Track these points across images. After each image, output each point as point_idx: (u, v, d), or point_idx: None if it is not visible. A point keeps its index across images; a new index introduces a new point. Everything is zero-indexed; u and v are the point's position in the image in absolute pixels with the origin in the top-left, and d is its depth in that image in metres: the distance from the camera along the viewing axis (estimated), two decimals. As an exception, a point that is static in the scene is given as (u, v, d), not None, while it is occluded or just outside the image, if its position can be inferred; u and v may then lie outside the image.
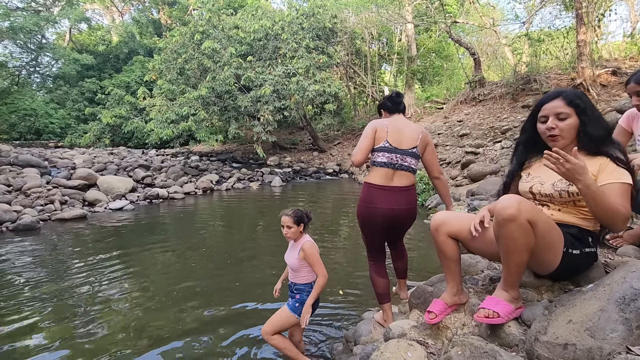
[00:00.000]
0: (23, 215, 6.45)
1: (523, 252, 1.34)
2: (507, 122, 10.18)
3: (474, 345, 1.29)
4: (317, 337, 2.85)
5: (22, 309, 3.32)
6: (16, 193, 7.54)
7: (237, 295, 3.56)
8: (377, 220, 2.26)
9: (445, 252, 1.65)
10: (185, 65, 13.29)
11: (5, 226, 6.10)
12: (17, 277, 4.09)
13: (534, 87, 10.92)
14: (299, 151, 18.40)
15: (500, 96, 11.91)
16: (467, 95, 13.62)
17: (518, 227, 1.29)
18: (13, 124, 21.75)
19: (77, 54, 24.38)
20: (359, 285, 3.84)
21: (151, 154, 15.68)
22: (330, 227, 6.38)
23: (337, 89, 13.05)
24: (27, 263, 4.58)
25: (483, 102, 12.60)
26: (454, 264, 1.66)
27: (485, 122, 11.02)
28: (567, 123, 1.47)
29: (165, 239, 5.75)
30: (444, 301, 1.67)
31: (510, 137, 9.39)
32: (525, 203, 1.32)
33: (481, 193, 6.81)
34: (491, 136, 9.98)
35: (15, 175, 8.27)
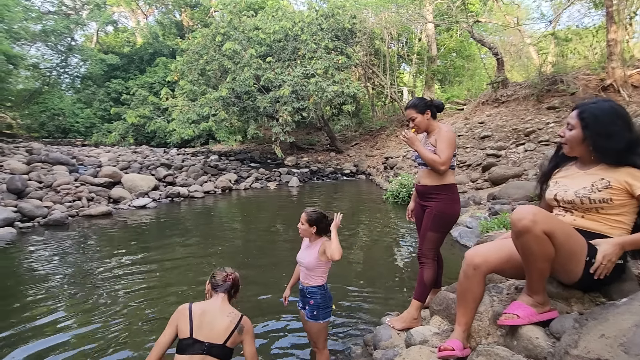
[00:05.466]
0: (53, 211, 6.74)
1: (541, 262, 1.34)
2: (531, 124, 9.88)
3: (500, 355, 1.27)
4: (337, 341, 2.85)
5: (52, 298, 3.49)
6: (47, 189, 7.89)
7: (255, 290, 3.62)
8: (458, 216, 2.47)
9: (476, 293, 1.53)
10: (207, 66, 13.54)
11: (37, 221, 6.39)
12: (48, 270, 4.30)
13: (560, 88, 10.56)
14: (317, 152, 18.44)
15: (524, 97, 11.58)
16: (489, 96, 13.30)
17: (534, 238, 1.29)
18: (43, 123, 22.71)
19: (104, 55, 25.25)
20: (377, 288, 3.83)
21: (172, 153, 16.07)
22: (348, 227, 6.37)
23: (355, 89, 13.01)
24: (57, 257, 4.80)
25: (506, 103, 12.28)
26: (477, 303, 1.57)
27: (508, 124, 10.73)
28: (572, 134, 1.54)
29: (186, 237, 5.89)
30: (458, 340, 1.52)
31: (535, 139, 9.12)
32: (541, 214, 1.31)
33: (503, 197, 6.64)
34: (514, 138, 9.71)
35: (46, 172, 8.65)
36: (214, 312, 1.49)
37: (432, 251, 2.40)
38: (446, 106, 16.54)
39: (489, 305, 1.74)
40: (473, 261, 1.51)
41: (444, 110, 14.83)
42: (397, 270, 4.44)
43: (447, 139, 2.34)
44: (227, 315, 1.50)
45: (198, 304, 1.51)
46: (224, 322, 1.48)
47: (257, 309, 3.29)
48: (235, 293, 1.61)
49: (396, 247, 5.49)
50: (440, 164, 2.29)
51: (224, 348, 1.46)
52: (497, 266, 1.52)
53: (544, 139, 8.85)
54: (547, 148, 8.28)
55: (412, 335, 1.81)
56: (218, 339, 1.45)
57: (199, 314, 1.46)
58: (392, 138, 16.50)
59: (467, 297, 1.52)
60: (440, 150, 2.32)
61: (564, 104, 9.96)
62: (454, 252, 4.91)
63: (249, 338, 1.55)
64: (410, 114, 2.46)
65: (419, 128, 2.47)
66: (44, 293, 3.66)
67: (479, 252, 1.54)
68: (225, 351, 1.47)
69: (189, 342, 1.43)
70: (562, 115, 9.61)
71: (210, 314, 1.48)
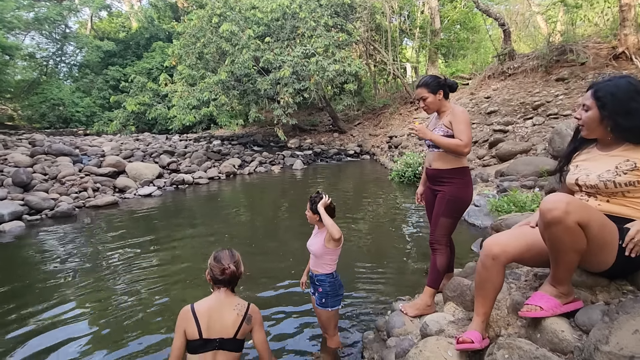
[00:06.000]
0: (60, 203, 6.76)
1: (572, 254, 1.27)
2: (539, 97, 9.61)
3: (523, 349, 1.22)
4: (348, 325, 2.86)
5: (64, 286, 3.53)
6: (52, 181, 7.90)
7: (262, 275, 3.63)
8: (471, 199, 2.40)
9: (495, 283, 1.46)
10: (204, 49, 13.21)
11: (44, 213, 6.41)
12: (58, 261, 4.33)
13: (569, 58, 10.20)
14: (319, 133, 18.24)
15: (532, 69, 11.22)
16: (495, 69, 12.92)
17: (565, 230, 1.21)
18: (43, 114, 22.59)
19: (99, 41, 24.77)
20: (386, 271, 3.82)
21: (175, 140, 15.99)
22: (354, 209, 6.33)
23: (357, 67, 12.68)
24: (67, 247, 4.83)
25: (513, 76, 11.92)
26: (496, 293, 1.49)
27: (515, 97, 10.45)
28: (588, 115, 1.46)
29: (193, 224, 5.91)
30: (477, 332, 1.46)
31: (543, 112, 8.88)
32: (575, 203, 1.22)
33: (511, 173, 6.53)
34: (522, 112, 9.47)
35: (50, 164, 8.64)
36: (219, 307, 1.46)
37: (445, 237, 2.35)
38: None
39: (507, 293, 1.70)
40: (492, 251, 1.43)
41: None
42: (406, 252, 4.42)
43: (465, 120, 2.24)
44: (233, 309, 1.48)
45: (200, 303, 1.48)
46: (232, 317, 1.46)
47: (265, 294, 3.30)
48: (238, 280, 1.56)
49: (404, 229, 5.45)
50: (464, 147, 2.19)
51: (235, 341, 1.46)
52: (516, 255, 1.45)
53: (553, 112, 8.62)
54: (556, 121, 8.07)
55: (428, 325, 1.77)
56: (228, 334, 1.45)
57: (204, 313, 1.44)
58: (395, 116, 16.22)
59: (486, 287, 1.46)
60: (460, 132, 2.21)
61: (574, 75, 9.64)
62: (462, 231, 4.87)
63: (257, 326, 1.54)
64: (421, 93, 2.34)
65: (430, 109, 2.36)
66: (56, 281, 3.70)
67: (498, 242, 1.46)
68: (237, 343, 1.47)
69: (200, 342, 1.42)
70: (572, 86, 9.32)
71: (216, 310, 1.46)
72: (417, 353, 1.51)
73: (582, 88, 8.91)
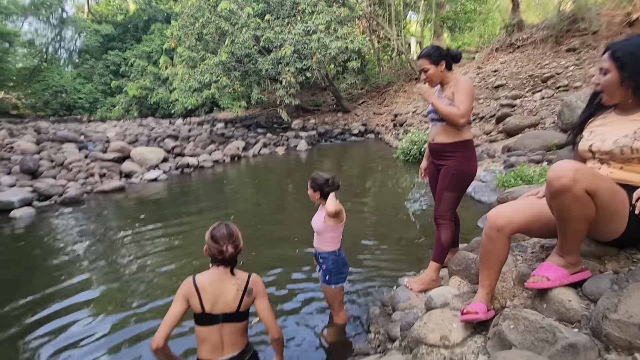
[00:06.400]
0: (68, 189, 6.83)
1: (580, 223, 1.23)
2: (549, 68, 9.31)
3: (529, 319, 1.21)
4: (354, 301, 2.89)
5: (77, 270, 3.60)
6: (59, 168, 7.96)
7: (267, 254, 3.67)
8: (475, 173, 2.34)
9: (500, 255, 1.43)
10: (203, 30, 12.94)
11: (53, 199, 6.50)
12: (71, 243, 4.42)
13: (581, 27, 9.80)
14: (323, 113, 18.03)
15: (542, 40, 10.83)
16: (503, 41, 12.50)
17: (573, 199, 1.17)
18: (47, 101, 22.62)
19: (98, 25, 24.41)
20: (391, 247, 3.83)
21: (178, 124, 15.93)
22: (360, 188, 6.32)
23: (360, 44, 12.36)
24: (78, 231, 4.92)
25: (521, 47, 11.53)
26: (501, 265, 1.46)
27: (523, 70, 10.15)
28: (607, 79, 1.38)
29: (199, 206, 5.96)
30: (481, 303, 1.45)
31: (552, 85, 8.63)
32: (583, 171, 1.18)
33: (519, 148, 6.42)
34: (530, 86, 9.22)
35: (56, 151, 8.69)
36: (219, 283, 1.47)
37: (450, 212, 2.32)
38: (457, 56, 15.69)
39: (512, 265, 1.68)
40: (496, 223, 1.40)
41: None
42: (410, 228, 4.41)
43: (466, 90, 2.16)
44: (232, 285, 1.48)
45: (201, 275, 1.48)
46: (232, 292, 1.47)
47: (271, 272, 3.34)
48: (237, 258, 1.54)
49: (408, 205, 5.44)
50: (460, 117, 2.12)
51: (239, 313, 1.48)
52: (522, 226, 1.41)
53: (563, 84, 8.36)
54: (566, 94, 7.85)
55: (433, 299, 1.77)
56: (230, 309, 1.46)
57: (204, 288, 1.45)
58: (400, 94, 15.93)
59: (491, 259, 1.43)
60: (459, 102, 2.14)
61: (585, 45, 9.30)
62: (468, 207, 4.83)
63: (260, 296, 1.55)
64: (422, 64, 2.26)
65: (432, 81, 2.27)
66: (70, 263, 3.79)
67: (503, 213, 1.42)
68: (241, 314, 1.49)
69: (204, 316, 1.45)
70: (583, 57, 9.00)
71: (216, 286, 1.46)
72: (422, 325, 1.52)
73: (593, 58, 8.60)
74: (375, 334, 2.38)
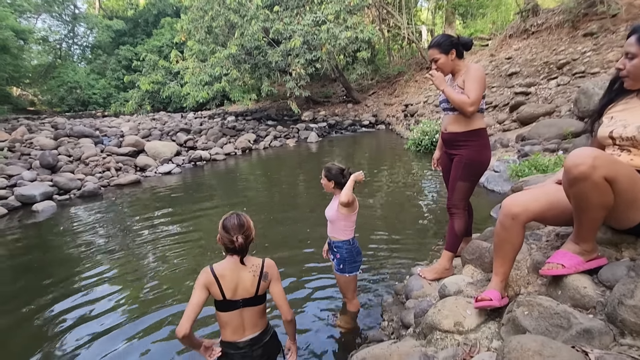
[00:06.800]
0: (86, 183, 7.03)
1: (598, 210, 1.23)
2: (565, 54, 9.05)
3: (543, 305, 1.23)
4: (367, 290, 2.93)
5: (97, 260, 3.74)
6: (77, 162, 8.17)
7: (280, 245, 3.73)
8: (489, 162, 2.34)
9: (515, 243, 1.43)
10: (213, 23, 12.94)
11: (72, 193, 6.70)
12: (90, 235, 4.58)
13: (599, 11, 9.45)
14: (333, 104, 17.95)
15: (557, 25, 10.49)
16: (517, 27, 12.16)
17: (592, 186, 1.16)
18: (62, 97, 23.07)
19: (109, 21, 24.66)
20: (406, 239, 3.85)
21: (190, 117, 16.09)
22: (371, 179, 6.32)
23: (370, 33, 12.20)
24: (97, 224, 5.08)
25: (536, 34, 11.21)
26: (516, 253, 1.46)
27: (538, 57, 9.88)
28: (634, 63, 1.34)
29: (213, 198, 6.07)
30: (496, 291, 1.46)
31: (568, 72, 8.40)
32: (602, 157, 1.17)
33: (533, 137, 6.31)
34: (545, 73, 8.98)
35: (74, 146, 8.91)
36: (236, 271, 1.53)
37: (463, 201, 2.32)
38: (469, 43, 15.33)
39: (527, 254, 1.69)
40: (511, 211, 1.40)
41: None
42: (423, 219, 4.42)
43: (477, 77, 2.13)
44: (249, 272, 1.54)
45: (219, 265, 1.54)
46: (248, 278, 1.53)
47: (284, 262, 3.39)
48: (248, 247, 1.59)
49: (420, 196, 5.43)
50: (469, 105, 2.10)
51: (257, 297, 1.56)
52: (538, 214, 1.41)
53: (580, 70, 8.13)
54: (582, 81, 7.64)
55: (447, 286, 1.80)
56: (249, 294, 1.54)
57: (223, 276, 1.51)
58: (411, 83, 15.71)
59: (505, 247, 1.44)
60: (469, 90, 2.12)
61: (604, 29, 8.98)
62: (481, 197, 4.81)
63: (274, 280, 1.62)
64: (433, 54, 2.24)
65: (443, 70, 2.25)
66: (90, 254, 3.94)
67: (518, 201, 1.42)
68: (260, 298, 1.57)
69: (225, 303, 1.52)
70: (601, 42, 8.70)
71: (234, 274, 1.52)
72: (436, 312, 1.55)
73: (612, 43, 8.32)
74: (388, 322, 2.43)
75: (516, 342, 0.99)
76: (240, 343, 1.54)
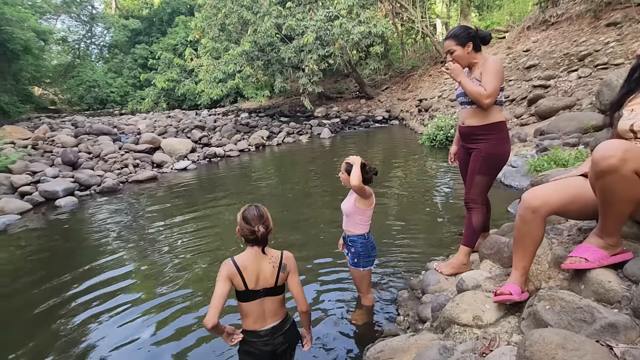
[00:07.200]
0: (105, 179, 7.22)
1: (625, 205, 1.19)
2: (586, 46, 8.75)
3: (565, 299, 1.21)
4: (383, 284, 2.93)
5: (117, 252, 3.85)
6: (96, 159, 8.40)
7: (294, 240, 3.76)
8: (508, 156, 2.29)
9: (535, 236, 1.40)
10: (226, 20, 13.04)
11: (93, 189, 6.90)
12: (111, 229, 4.73)
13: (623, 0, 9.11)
14: (346, 100, 17.87)
15: (578, 15, 10.15)
16: (535, 18, 11.83)
17: (621, 179, 1.13)
18: (81, 96, 23.70)
19: (125, 20, 25.14)
20: (420, 234, 3.82)
21: (204, 115, 16.29)
22: (385, 175, 6.29)
23: (383, 28, 12.07)
24: (117, 218, 5.23)
25: (556, 25, 10.87)
26: (536, 247, 1.44)
27: (557, 48, 9.60)
28: None
29: (228, 194, 6.15)
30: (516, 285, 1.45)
31: (590, 63, 8.12)
32: (633, 150, 1.13)
33: (552, 131, 6.15)
34: (565, 65, 8.72)
35: (93, 143, 9.15)
36: (256, 262, 1.58)
37: (481, 196, 2.29)
38: (485, 36, 14.98)
39: (547, 248, 1.66)
40: (531, 204, 1.38)
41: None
42: (439, 214, 4.38)
43: (494, 69, 2.09)
44: (268, 262, 1.60)
45: (240, 257, 1.60)
46: (268, 269, 1.59)
47: (298, 257, 3.41)
48: (268, 237, 1.64)
49: (435, 191, 5.37)
50: (486, 97, 2.06)
51: (277, 287, 1.62)
52: (559, 208, 1.39)
53: (602, 61, 7.85)
54: (605, 72, 7.38)
55: (464, 280, 1.78)
56: (269, 284, 1.59)
57: (245, 268, 1.57)
58: (425, 78, 15.49)
59: (526, 241, 1.42)
60: (485, 82, 2.08)
61: (628, 18, 8.64)
62: (498, 192, 4.72)
63: (292, 271, 1.67)
64: (449, 45, 2.21)
65: (459, 63, 2.21)
66: (110, 246, 4.07)
67: (538, 194, 1.39)
68: (279, 288, 1.64)
69: (247, 293, 1.58)
70: (625, 32, 8.38)
71: (255, 265, 1.58)
72: (454, 306, 1.54)
73: (637, 32, 8.00)
74: (404, 317, 2.42)
75: (538, 335, 0.98)
76: (262, 331, 1.59)
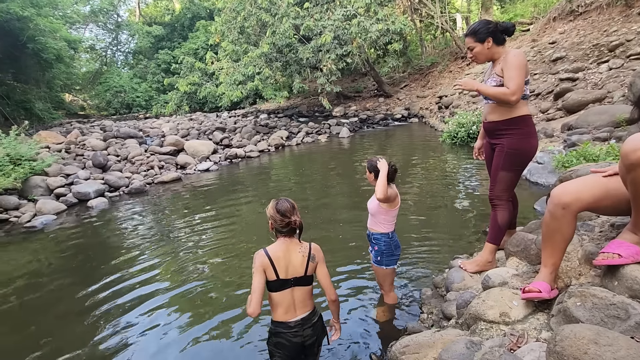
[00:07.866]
0: (133, 181, 7.50)
1: None
2: (617, 35, 8.35)
3: (598, 296, 1.19)
4: (406, 283, 2.92)
5: (144, 254, 4.01)
6: (124, 162, 8.74)
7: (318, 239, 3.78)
8: (535, 151, 2.23)
9: (566, 233, 1.37)
10: (245, 23, 13.27)
11: (121, 190, 7.18)
12: (140, 228, 4.91)
13: (658, -15, 8.64)
14: (364, 99, 17.78)
15: (608, 4, 9.70)
16: (562, 9, 11.39)
17: None
18: (109, 101, 24.69)
19: (148, 27, 26.00)
20: (444, 232, 3.78)
21: (224, 117, 16.63)
22: (405, 173, 6.23)
23: (401, 25, 11.94)
24: (145, 218, 5.44)
25: (584, 14, 10.43)
26: (567, 243, 1.40)
27: (586, 39, 9.21)
28: None
29: (249, 193, 6.27)
30: (545, 282, 1.42)
31: (622, 54, 7.75)
32: None
33: (581, 126, 5.92)
34: (595, 56, 8.36)
35: (121, 147, 9.53)
36: (287, 252, 1.66)
37: (506, 192, 2.24)
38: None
39: (578, 245, 1.62)
40: (561, 200, 1.35)
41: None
42: (462, 212, 4.31)
43: (516, 64, 2.03)
44: (298, 252, 1.67)
45: (272, 248, 1.68)
46: (298, 259, 1.66)
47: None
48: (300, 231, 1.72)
49: (458, 189, 5.28)
50: (511, 95, 2.01)
51: (307, 277, 1.69)
52: (590, 204, 1.35)
53: (635, 52, 7.48)
54: (638, 63, 7.04)
55: (490, 278, 1.76)
56: (299, 273, 1.67)
57: (278, 258, 1.65)
58: (445, 74, 15.21)
59: (555, 238, 1.39)
60: (508, 79, 2.03)
61: (663, 5, 8.20)
62: (523, 189, 4.60)
63: (320, 262, 1.75)
64: (468, 42, 2.19)
65: (478, 59, 2.20)
66: (140, 245, 4.23)
67: (568, 190, 1.36)
68: (308, 278, 1.70)
69: (279, 282, 1.65)
70: (660, 19, 7.96)
71: (286, 255, 1.66)
72: (480, 302, 1.53)
73: (673, 19, 7.58)
74: (428, 314, 2.41)
75: (569, 330, 0.97)
76: (292, 322, 1.64)
